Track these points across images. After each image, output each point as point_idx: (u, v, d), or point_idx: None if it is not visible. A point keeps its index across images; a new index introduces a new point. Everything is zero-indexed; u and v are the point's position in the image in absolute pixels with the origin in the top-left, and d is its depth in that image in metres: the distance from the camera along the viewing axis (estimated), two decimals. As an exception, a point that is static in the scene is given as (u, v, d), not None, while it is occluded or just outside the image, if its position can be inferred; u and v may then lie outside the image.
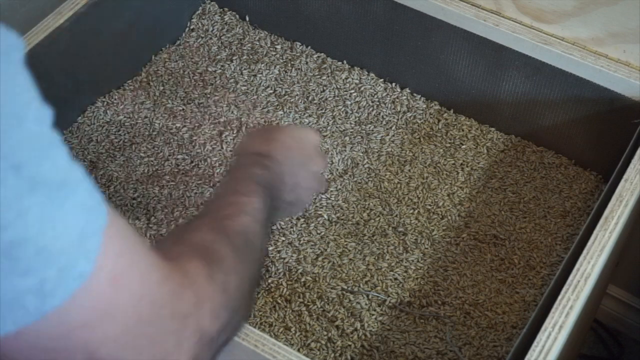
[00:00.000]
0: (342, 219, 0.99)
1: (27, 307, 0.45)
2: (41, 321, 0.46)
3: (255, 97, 1.11)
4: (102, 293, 0.48)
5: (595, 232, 0.81)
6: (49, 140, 0.47)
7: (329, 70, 1.14)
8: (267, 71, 1.14)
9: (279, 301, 0.91)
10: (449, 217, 0.99)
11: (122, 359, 0.51)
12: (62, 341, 0.48)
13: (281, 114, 1.09)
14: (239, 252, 0.65)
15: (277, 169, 0.78)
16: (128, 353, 0.51)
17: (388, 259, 0.95)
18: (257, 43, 1.18)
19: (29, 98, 0.46)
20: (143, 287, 0.51)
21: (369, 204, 1.00)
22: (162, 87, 1.12)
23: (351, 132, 1.08)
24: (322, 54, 1.17)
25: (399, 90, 1.13)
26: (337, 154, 1.05)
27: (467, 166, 1.05)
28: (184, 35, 1.19)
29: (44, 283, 0.45)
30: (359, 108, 1.11)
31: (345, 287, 0.93)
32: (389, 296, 0.92)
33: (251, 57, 1.16)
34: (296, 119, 1.09)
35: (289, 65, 1.15)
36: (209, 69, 1.14)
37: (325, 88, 1.12)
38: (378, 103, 1.11)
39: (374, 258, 0.95)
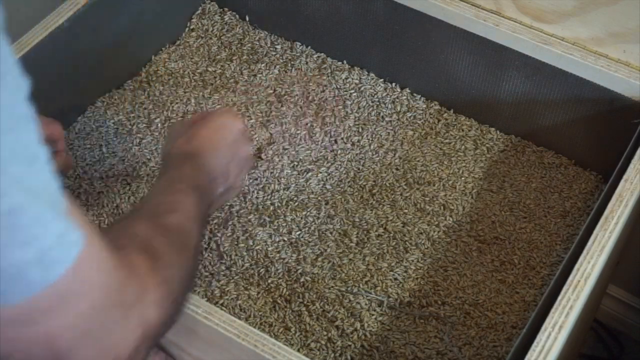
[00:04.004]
0: (342, 220, 0.99)
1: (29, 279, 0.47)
2: (11, 307, 0.48)
3: (255, 97, 1.11)
4: (64, 280, 0.50)
5: (595, 232, 0.81)
6: (22, 113, 0.47)
7: (329, 70, 1.14)
8: (267, 71, 1.14)
9: (279, 301, 0.91)
10: (449, 217, 0.99)
11: (76, 348, 0.52)
12: (25, 329, 0.50)
13: (281, 114, 1.09)
14: (176, 248, 0.67)
15: (206, 166, 0.81)
16: (80, 342, 0.52)
17: (388, 259, 0.95)
18: (257, 43, 1.18)
19: (6, 68, 0.46)
20: (98, 276, 0.53)
21: (369, 204, 1.00)
22: (162, 87, 1.12)
23: (351, 132, 1.08)
24: (322, 54, 1.17)
25: (399, 90, 1.13)
26: (337, 154, 1.05)
27: (467, 166, 1.05)
28: (184, 35, 1.19)
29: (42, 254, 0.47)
30: (359, 108, 1.10)
31: (345, 289, 0.93)
32: (389, 297, 0.92)
33: (251, 57, 1.16)
34: (296, 119, 1.09)
35: (289, 65, 1.15)
36: (209, 69, 1.14)
37: (325, 88, 1.12)
38: (378, 103, 1.11)
39: (374, 258, 0.95)
